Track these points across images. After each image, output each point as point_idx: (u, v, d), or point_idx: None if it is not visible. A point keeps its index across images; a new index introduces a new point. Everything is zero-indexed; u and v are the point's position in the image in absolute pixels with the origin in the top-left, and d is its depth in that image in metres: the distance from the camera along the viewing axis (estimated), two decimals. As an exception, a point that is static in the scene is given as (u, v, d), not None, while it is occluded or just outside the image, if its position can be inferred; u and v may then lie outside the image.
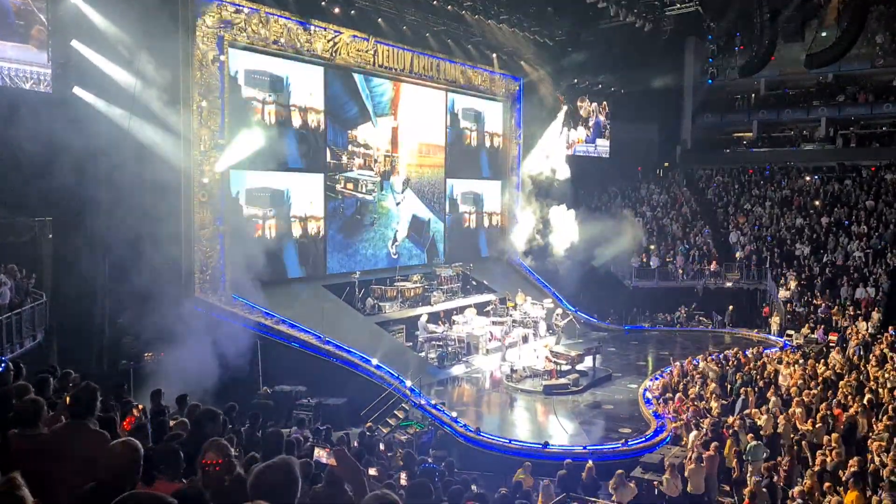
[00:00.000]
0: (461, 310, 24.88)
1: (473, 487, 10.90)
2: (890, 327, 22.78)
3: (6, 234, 15.95)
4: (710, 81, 41.31)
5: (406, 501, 3.56)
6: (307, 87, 22.96)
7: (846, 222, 31.56)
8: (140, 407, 9.70)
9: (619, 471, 12.85)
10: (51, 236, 16.90)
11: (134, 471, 3.75)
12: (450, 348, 22.61)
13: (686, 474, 12.83)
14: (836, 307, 26.55)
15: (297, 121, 22.75)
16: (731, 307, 29.66)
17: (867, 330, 24.06)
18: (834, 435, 13.59)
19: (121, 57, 17.21)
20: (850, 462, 11.91)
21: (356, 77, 24.64)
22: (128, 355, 16.78)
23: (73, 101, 16.41)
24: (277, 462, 3.04)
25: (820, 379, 17.98)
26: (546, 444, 15.88)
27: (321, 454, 6.04)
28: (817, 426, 14.36)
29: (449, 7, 25.08)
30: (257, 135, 20.52)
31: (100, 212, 16.45)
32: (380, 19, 24.19)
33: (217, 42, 19.46)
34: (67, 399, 5.30)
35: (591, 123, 35.61)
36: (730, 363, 20.51)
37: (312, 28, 22.26)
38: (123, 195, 15.99)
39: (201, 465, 4.21)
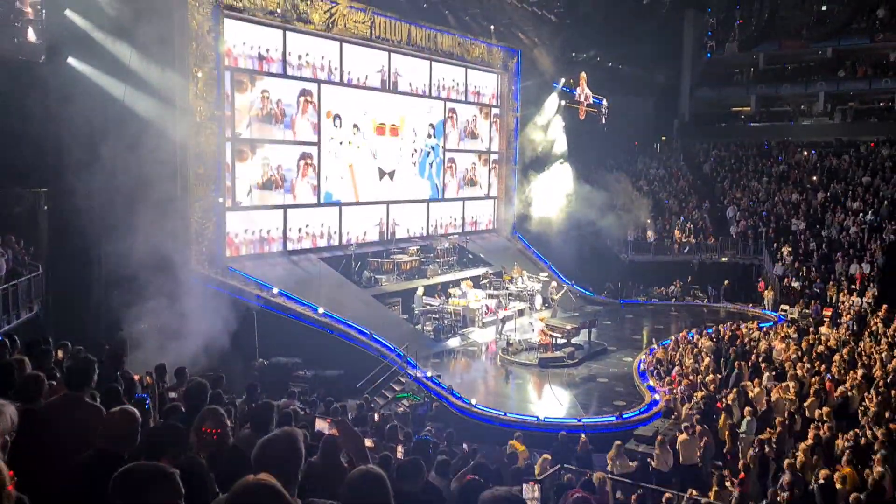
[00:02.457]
0: (457, 283, 24.94)
1: (464, 446, 11.01)
2: (884, 303, 22.90)
3: (1, 205, 15.89)
4: (708, 55, 41.12)
5: (396, 480, 3.60)
6: (304, 58, 22.77)
7: (842, 199, 31.55)
8: (138, 377, 9.70)
9: (618, 442, 12.99)
10: (46, 207, 16.84)
11: (133, 438, 3.79)
12: (446, 321, 22.70)
13: (677, 445, 12.95)
14: (831, 282, 26.65)
15: (294, 91, 22.60)
16: (726, 282, 29.76)
17: (861, 305, 24.18)
18: (826, 408, 13.71)
19: (115, 27, 17.03)
20: (846, 436, 12.03)
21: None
22: (124, 326, 16.77)
23: (67, 71, 16.26)
24: (281, 434, 3.07)
25: (814, 354, 18.11)
26: (538, 419, 16.03)
27: (322, 425, 6.07)
28: (810, 400, 14.48)
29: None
30: (256, 105, 20.37)
31: (95, 183, 16.36)
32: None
33: (212, 12, 19.26)
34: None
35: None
36: (724, 337, 20.61)
37: (309, -2, 22.05)
38: (119, 166, 15.88)
39: (199, 433, 4.26)
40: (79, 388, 4.77)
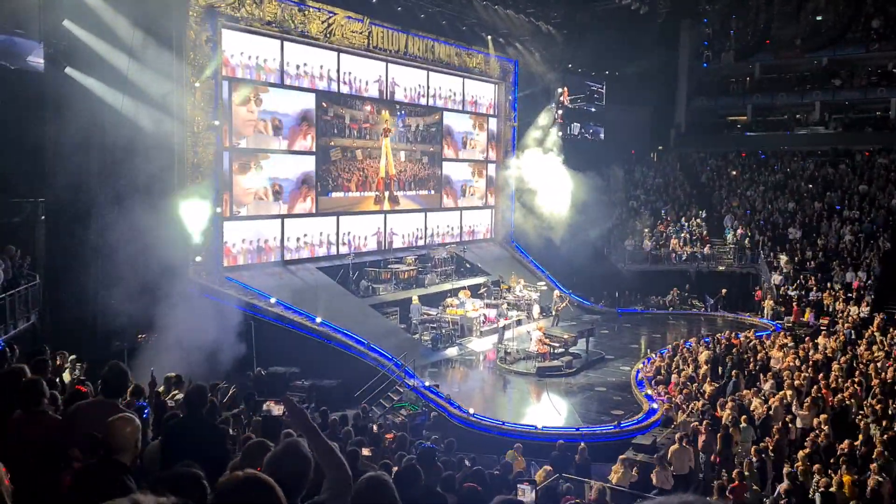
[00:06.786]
0: (455, 292, 24.94)
1: (466, 462, 10.96)
2: (881, 312, 22.94)
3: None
4: (704, 64, 41.25)
5: (397, 485, 3.57)
6: (302, 68, 22.84)
7: (838, 206, 31.63)
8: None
9: (622, 456, 12.93)
10: (43, 217, 16.83)
11: (134, 444, 3.79)
12: (443, 330, 22.68)
13: (669, 456, 12.86)
14: (828, 291, 26.68)
15: (291, 102, 22.65)
16: (723, 290, 29.77)
17: (858, 313, 24.22)
18: (823, 416, 13.71)
19: (113, 37, 17.06)
20: (841, 445, 12.03)
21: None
22: (121, 336, 16.76)
23: (65, 80, 16.28)
24: (288, 448, 3.03)
25: (811, 362, 18.12)
26: (536, 429, 16.01)
27: (270, 406, 6.04)
28: (808, 408, 14.48)
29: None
30: (253, 115, 20.39)
31: (92, 193, 16.38)
32: (374, 0, 24.00)
33: (210, 22, 19.32)
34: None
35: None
36: (721, 346, 20.62)
37: (307, 9, 22.12)
38: (117, 176, 15.91)
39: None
40: (113, 396, 4.90)
